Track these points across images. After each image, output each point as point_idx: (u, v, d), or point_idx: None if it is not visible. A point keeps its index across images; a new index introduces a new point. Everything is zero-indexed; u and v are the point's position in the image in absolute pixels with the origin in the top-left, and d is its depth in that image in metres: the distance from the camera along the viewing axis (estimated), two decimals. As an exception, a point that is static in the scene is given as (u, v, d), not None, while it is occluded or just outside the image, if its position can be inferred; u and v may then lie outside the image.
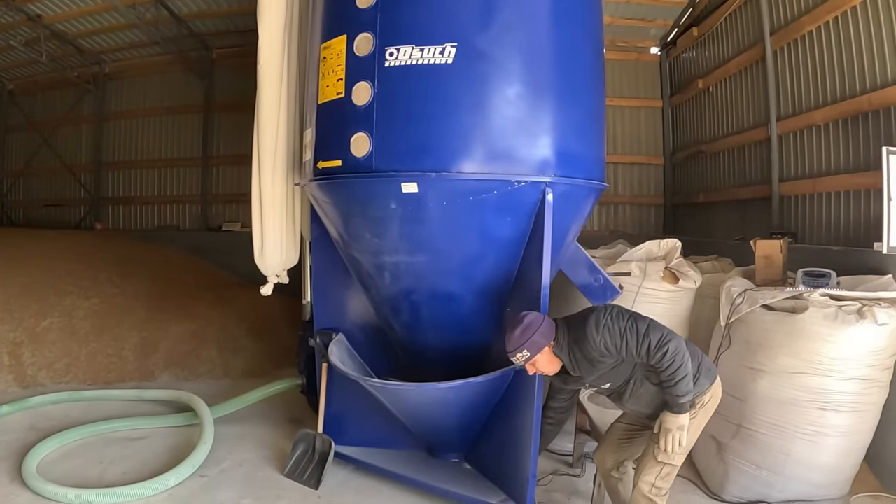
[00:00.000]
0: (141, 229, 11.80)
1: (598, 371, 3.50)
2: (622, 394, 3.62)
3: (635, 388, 3.55)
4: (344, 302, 5.12)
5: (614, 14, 9.16)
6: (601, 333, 3.35)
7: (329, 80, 4.31)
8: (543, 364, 3.51)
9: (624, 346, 3.34)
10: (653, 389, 3.51)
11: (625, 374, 3.52)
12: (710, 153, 8.73)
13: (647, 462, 3.54)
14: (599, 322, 3.38)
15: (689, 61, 9.58)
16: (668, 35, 9.93)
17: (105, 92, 12.04)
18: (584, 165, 4.38)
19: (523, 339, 3.44)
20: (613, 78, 9.99)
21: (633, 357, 3.38)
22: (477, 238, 4.18)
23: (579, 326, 3.44)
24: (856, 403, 4.36)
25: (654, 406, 3.56)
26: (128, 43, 11.00)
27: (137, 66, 11.75)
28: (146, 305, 8.04)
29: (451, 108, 3.97)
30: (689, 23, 9.20)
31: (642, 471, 3.55)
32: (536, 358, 3.47)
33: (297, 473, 4.79)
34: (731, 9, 7.94)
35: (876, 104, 5.36)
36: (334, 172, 4.24)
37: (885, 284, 4.61)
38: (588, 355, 3.42)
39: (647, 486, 3.51)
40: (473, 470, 4.76)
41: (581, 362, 3.48)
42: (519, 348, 3.45)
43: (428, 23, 4.04)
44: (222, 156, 11.32)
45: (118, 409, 6.06)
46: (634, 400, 3.61)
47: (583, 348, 3.41)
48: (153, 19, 9.54)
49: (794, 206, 6.79)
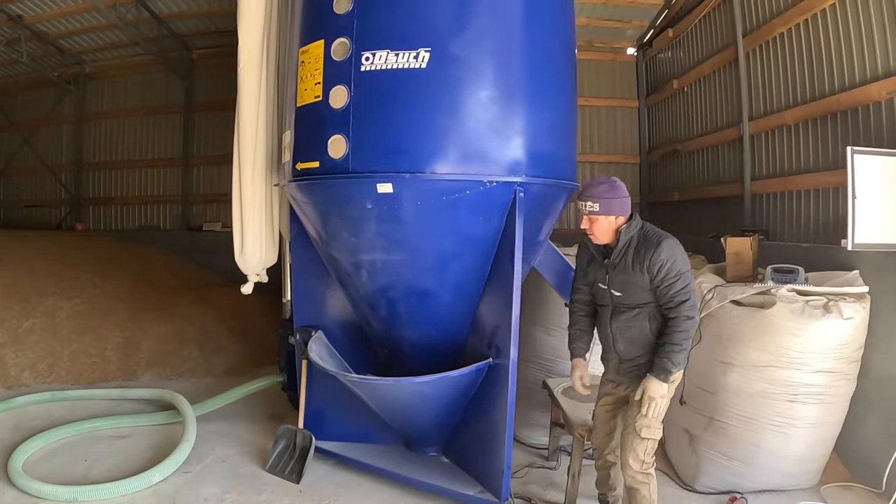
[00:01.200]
0: (122, 230, 11.75)
1: (627, 277, 3.53)
2: (619, 325, 3.64)
3: (634, 322, 3.59)
4: (323, 300, 5.18)
5: (591, 15, 9.24)
6: (669, 256, 3.41)
7: (307, 84, 4.38)
8: (600, 227, 3.56)
9: (668, 283, 3.41)
10: (645, 336, 3.58)
11: (639, 299, 3.55)
12: (685, 152, 8.85)
13: (629, 442, 3.61)
14: (674, 249, 3.45)
15: (665, 62, 9.70)
16: (644, 36, 10.04)
17: (86, 92, 12.00)
18: (555, 166, 4.47)
19: (603, 195, 3.52)
20: (590, 78, 10.13)
21: (663, 297, 3.45)
22: (451, 237, 4.26)
23: (656, 235, 3.50)
24: (824, 395, 4.48)
25: (638, 350, 3.62)
26: (108, 43, 10.97)
27: (118, 67, 11.71)
28: (128, 306, 8.02)
29: (425, 111, 4.05)
30: (665, 24, 9.31)
31: (628, 452, 3.61)
32: (600, 218, 3.53)
33: (278, 468, 4.84)
34: (705, 11, 8.05)
35: (844, 105, 5.46)
36: (312, 173, 4.31)
37: (851, 280, 4.73)
38: (639, 259, 3.47)
39: (638, 463, 3.59)
40: (450, 463, 4.84)
41: (626, 257, 3.53)
42: (593, 199, 3.51)
43: (403, 28, 4.11)
44: (203, 156, 11.29)
45: (102, 408, 6.09)
46: (626, 341, 3.65)
47: (640, 251, 3.47)
48: (134, 20, 9.51)
49: (765, 203, 6.90)
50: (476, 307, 4.60)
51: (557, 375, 5.44)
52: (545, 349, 5.65)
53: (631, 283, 3.54)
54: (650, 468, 3.63)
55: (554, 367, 5.57)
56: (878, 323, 4.64)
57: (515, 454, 4.74)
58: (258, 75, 5.23)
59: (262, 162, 5.31)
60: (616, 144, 10.50)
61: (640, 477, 3.61)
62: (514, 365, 4.14)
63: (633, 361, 3.68)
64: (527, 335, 5.52)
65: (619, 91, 10.54)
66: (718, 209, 7.92)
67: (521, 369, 4.62)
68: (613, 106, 10.51)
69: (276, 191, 5.44)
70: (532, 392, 5.42)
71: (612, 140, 10.51)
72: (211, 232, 10.79)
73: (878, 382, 4.66)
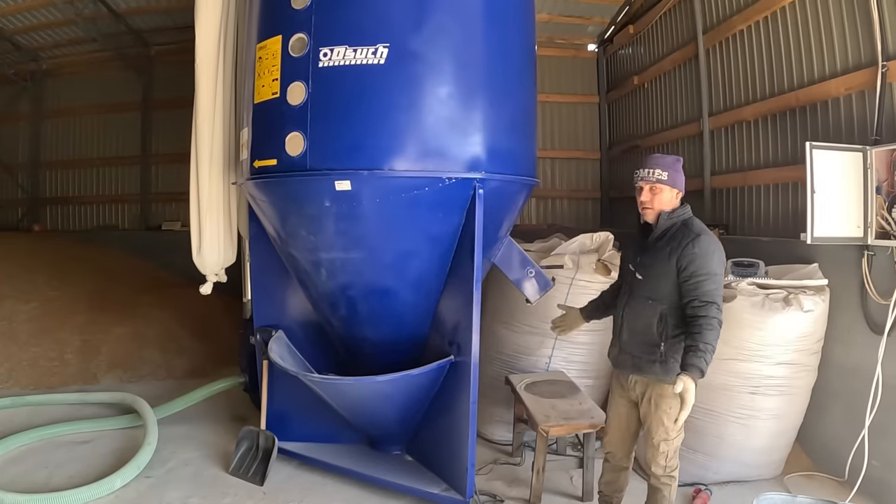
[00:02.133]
0: (80, 230, 11.59)
1: (654, 262, 3.42)
2: (630, 312, 3.54)
3: (644, 314, 3.45)
4: (283, 299, 5.13)
5: (552, 11, 9.31)
6: (704, 251, 3.27)
7: (265, 80, 4.32)
8: (662, 199, 3.44)
9: (697, 280, 3.24)
10: (650, 333, 3.41)
11: (656, 290, 3.40)
12: (645, 148, 8.90)
13: (650, 453, 3.54)
14: (712, 246, 3.31)
15: (626, 58, 9.76)
16: (605, 32, 10.12)
17: (43, 90, 11.79)
18: (514, 162, 4.46)
19: (672, 165, 3.46)
20: (551, 74, 10.16)
21: (689, 294, 3.25)
22: (410, 234, 4.23)
23: (698, 227, 3.38)
24: (785, 387, 4.57)
25: (637, 345, 3.48)
26: (66, 39, 10.78)
27: (76, 64, 11.51)
28: (87, 308, 7.93)
29: (384, 108, 4.02)
30: (626, 21, 9.38)
31: (651, 461, 3.55)
32: (664, 189, 3.42)
33: (242, 471, 4.79)
34: (665, 8, 8.12)
35: (803, 100, 5.54)
36: (270, 171, 4.26)
37: (810, 273, 4.81)
38: (673, 246, 3.34)
39: (661, 469, 3.52)
40: (415, 461, 4.83)
41: (661, 241, 3.42)
42: (662, 168, 3.42)
43: (361, 24, 4.07)
44: (162, 154, 11.16)
45: (62, 414, 5.98)
46: (630, 332, 3.54)
47: (677, 238, 3.35)
48: (91, 15, 9.40)
49: (725, 198, 6.99)
50: (437, 304, 4.58)
51: (519, 371, 5.46)
52: (507, 345, 5.65)
53: (655, 270, 3.41)
54: (673, 471, 3.56)
55: (516, 363, 5.59)
56: (838, 315, 4.74)
57: (479, 451, 4.74)
58: (215, 71, 5.17)
59: (219, 160, 5.25)
60: (576, 140, 10.55)
61: (665, 479, 3.56)
62: (476, 362, 4.13)
63: (630, 355, 3.55)
64: (488, 331, 5.54)
65: (579, 87, 10.60)
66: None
67: (483, 366, 4.61)
68: (574, 102, 10.56)
69: (235, 189, 5.38)
70: (494, 388, 5.43)
71: (573, 136, 10.56)
72: (170, 231, 10.65)
73: (839, 373, 4.75)
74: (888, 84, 4.54)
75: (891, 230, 4.26)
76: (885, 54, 4.54)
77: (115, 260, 9.81)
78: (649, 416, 3.51)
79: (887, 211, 4.29)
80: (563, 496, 4.62)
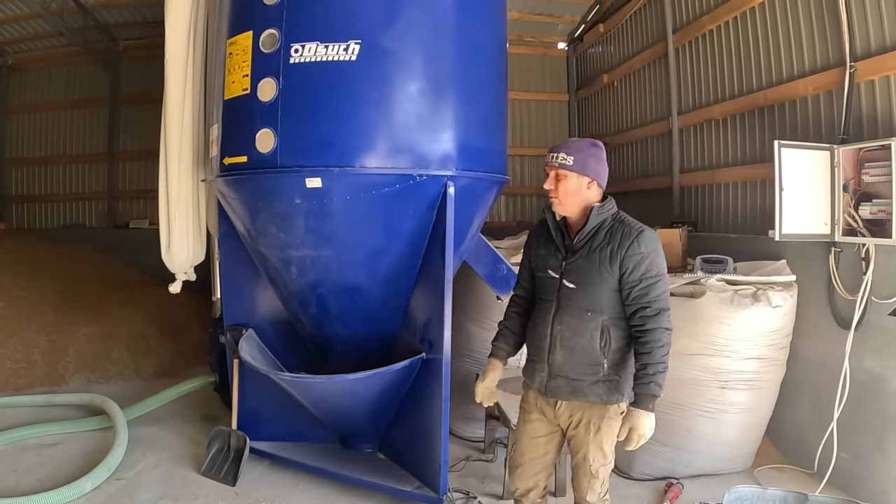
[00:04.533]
0: (46, 228, 11.33)
1: (589, 267, 2.92)
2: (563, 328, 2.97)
3: (583, 329, 2.93)
4: (253, 298, 5.10)
5: (522, 9, 9.34)
6: (651, 250, 2.86)
7: (235, 76, 4.28)
8: (567, 189, 2.93)
9: (647, 284, 2.83)
10: (592, 352, 2.92)
11: (595, 300, 2.92)
12: (614, 146, 8.94)
13: (585, 482, 3.07)
14: (656, 243, 2.89)
15: (595, 57, 9.82)
16: (576, 31, 10.17)
17: (8, 85, 11.49)
18: (485, 159, 4.46)
19: (580, 151, 2.92)
20: (521, 72, 10.18)
21: (639, 301, 2.84)
22: (381, 231, 4.23)
23: (636, 223, 2.93)
24: (754, 381, 4.63)
25: (577, 368, 2.95)
26: (32, 34, 10.56)
27: (42, 59, 11.25)
28: (54, 308, 7.77)
29: (355, 105, 4.00)
30: (596, 19, 9.43)
31: (585, 491, 3.08)
32: (570, 176, 2.90)
33: (213, 471, 4.76)
34: (636, 7, 8.18)
35: (771, 100, 5.61)
36: (240, 168, 4.22)
37: (778, 269, 4.89)
38: (611, 248, 2.87)
39: (595, 496, 3.07)
40: (387, 459, 4.83)
41: (592, 243, 2.93)
42: (569, 152, 2.90)
43: (333, 20, 4.04)
44: (129, 151, 10.97)
45: (30, 416, 5.88)
46: (566, 351, 2.97)
47: (615, 238, 2.88)
48: (59, 9, 9.21)
49: (694, 196, 7.06)
50: (407, 302, 4.58)
51: (491, 368, 5.43)
52: (477, 342, 5.64)
53: (591, 277, 2.90)
54: (606, 495, 3.12)
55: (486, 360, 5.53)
56: (805, 310, 4.82)
57: (452, 448, 4.75)
58: (184, 67, 5.12)
59: (188, 157, 5.20)
60: (545, 138, 10.56)
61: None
62: (448, 359, 4.13)
63: (567, 379, 2.99)
64: (458, 328, 5.52)
65: (549, 85, 10.65)
66: (647, 201, 8.05)
67: (454, 363, 4.60)
68: (543, 100, 10.62)
69: (204, 186, 5.33)
70: (466, 385, 5.39)
71: (542, 134, 10.59)
72: (138, 229, 10.45)
73: (807, 367, 4.85)
74: (856, 84, 4.61)
75: (857, 227, 4.33)
76: (854, 55, 4.62)
77: (83, 259, 9.62)
78: (585, 442, 3.03)
79: (854, 208, 4.36)
80: (536, 492, 4.64)
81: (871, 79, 4.51)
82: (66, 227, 11.23)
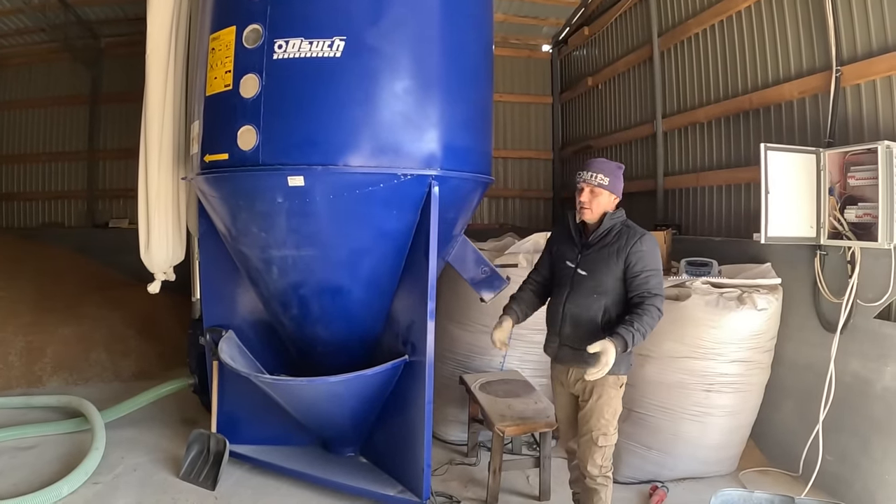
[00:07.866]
0: (24, 227, 11.16)
1: (600, 259, 3.53)
2: (573, 306, 3.57)
3: (589, 307, 3.53)
4: (233, 298, 5.05)
5: (507, 11, 9.34)
6: (650, 248, 3.49)
7: (217, 72, 4.23)
8: (600, 203, 3.57)
9: (646, 275, 3.43)
10: (595, 326, 3.49)
11: (603, 285, 3.51)
12: (598, 148, 8.96)
13: (587, 450, 3.57)
14: (655, 245, 3.54)
15: (580, 59, 9.84)
16: (560, 34, 10.19)
17: (-13, 82, 11.40)
18: (470, 159, 4.44)
19: (613, 171, 3.60)
20: (505, 74, 10.16)
21: (638, 287, 3.43)
22: (364, 231, 4.19)
23: (640, 228, 3.57)
24: (739, 384, 4.64)
25: (581, 338, 3.47)
26: (12, 30, 10.41)
27: (22, 55, 11.08)
28: (31, 308, 7.70)
29: (339, 102, 3.96)
30: (581, 22, 9.45)
31: (587, 459, 3.57)
32: (604, 193, 3.56)
33: (192, 475, 4.70)
34: (621, 10, 8.20)
35: (756, 103, 5.63)
36: (221, 166, 4.17)
37: (763, 272, 4.91)
38: (619, 246, 3.49)
39: (597, 468, 3.55)
40: (369, 463, 4.79)
41: (604, 241, 3.55)
42: (604, 172, 3.56)
43: (317, 16, 4.01)
44: (109, 150, 10.85)
45: (6, 418, 5.80)
46: (573, 325, 3.57)
47: (622, 238, 3.51)
48: (40, 5, 9.13)
49: (678, 199, 7.08)
50: (390, 303, 4.55)
51: (474, 371, 5.45)
52: (460, 345, 5.63)
53: (600, 267, 3.53)
54: (608, 471, 3.61)
55: (470, 363, 5.57)
56: (790, 313, 4.84)
57: (434, 452, 4.70)
58: (166, 62, 5.07)
59: (168, 154, 5.14)
60: (529, 140, 10.63)
61: (601, 480, 3.58)
62: (431, 361, 4.10)
63: (572, 348, 3.59)
64: (442, 330, 5.51)
65: (533, 87, 10.69)
66: (632, 204, 7.89)
67: (437, 365, 4.59)
68: (527, 102, 10.66)
69: (184, 185, 5.28)
70: (449, 388, 5.41)
71: (525, 136, 10.64)
72: (117, 229, 10.32)
73: (792, 370, 4.86)
74: (842, 88, 4.63)
75: (843, 230, 4.34)
76: (840, 59, 4.64)
77: (61, 258, 9.53)
78: (590, 409, 3.56)
79: (839, 212, 4.38)
80: (520, 496, 4.62)
81: (858, 83, 4.54)
82: (45, 226, 11.09)
